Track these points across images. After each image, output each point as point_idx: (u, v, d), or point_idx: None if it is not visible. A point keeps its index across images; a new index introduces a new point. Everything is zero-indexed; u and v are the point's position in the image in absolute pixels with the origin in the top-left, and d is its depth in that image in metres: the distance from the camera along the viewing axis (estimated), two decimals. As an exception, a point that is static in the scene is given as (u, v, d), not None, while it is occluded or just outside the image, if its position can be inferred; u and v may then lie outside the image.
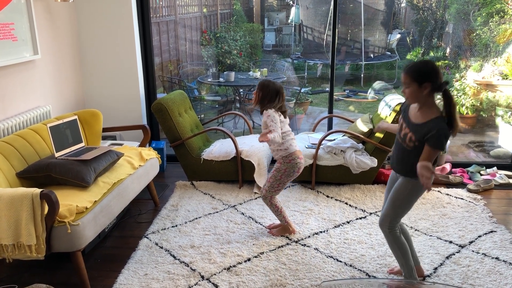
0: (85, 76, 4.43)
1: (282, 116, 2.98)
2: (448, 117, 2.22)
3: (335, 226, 3.29)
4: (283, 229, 3.20)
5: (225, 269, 2.76)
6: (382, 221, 2.48)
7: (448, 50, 7.51)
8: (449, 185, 4.05)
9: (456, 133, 2.23)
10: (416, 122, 2.29)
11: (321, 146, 3.98)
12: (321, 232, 3.20)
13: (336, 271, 2.73)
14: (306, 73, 9.09)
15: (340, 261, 2.83)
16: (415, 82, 2.21)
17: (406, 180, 2.39)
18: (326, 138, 4.06)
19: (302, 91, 6.64)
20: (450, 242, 3.04)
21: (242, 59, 8.08)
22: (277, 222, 3.32)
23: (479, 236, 3.11)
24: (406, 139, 2.33)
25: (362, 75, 8.85)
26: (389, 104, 3.91)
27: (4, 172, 2.72)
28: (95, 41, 4.33)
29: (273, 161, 4.50)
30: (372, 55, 9.21)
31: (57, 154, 2.98)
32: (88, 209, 2.58)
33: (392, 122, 3.66)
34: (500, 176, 4.08)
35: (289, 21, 9.70)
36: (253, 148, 3.99)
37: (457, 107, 5.43)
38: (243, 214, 3.50)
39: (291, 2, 9.78)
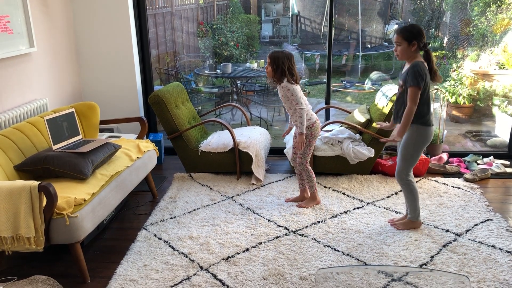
0: (82, 68, 4.42)
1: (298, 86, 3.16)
2: (429, 68, 2.76)
3: (333, 216, 3.31)
4: (312, 199, 3.45)
5: (223, 259, 2.78)
6: (398, 175, 2.99)
7: (445, 40, 7.49)
8: (446, 174, 4.07)
9: (439, 80, 2.81)
10: (403, 71, 2.86)
11: (319, 137, 3.98)
12: (318, 222, 3.22)
13: (334, 260, 2.75)
14: (303, 65, 9.06)
15: (338, 251, 2.85)
16: (405, 41, 2.75)
17: (408, 130, 2.84)
18: (323, 129, 4.07)
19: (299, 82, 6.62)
20: (447, 230, 3.07)
21: (239, 51, 8.05)
22: (293, 196, 3.59)
23: (476, 225, 3.14)
24: (399, 88, 2.87)
25: (359, 66, 8.83)
26: (386, 94, 3.91)
27: (2, 165, 2.72)
28: (91, 33, 4.31)
29: (271, 153, 4.52)
30: (369, 46, 9.19)
31: (54, 147, 2.99)
32: (86, 201, 2.59)
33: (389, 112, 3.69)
34: (497, 165, 4.10)
35: (290, 13, 9.64)
36: (250, 139, 3.99)
37: (454, 96, 5.47)
38: (241, 205, 3.52)
39: (288, -7, 9.72)
